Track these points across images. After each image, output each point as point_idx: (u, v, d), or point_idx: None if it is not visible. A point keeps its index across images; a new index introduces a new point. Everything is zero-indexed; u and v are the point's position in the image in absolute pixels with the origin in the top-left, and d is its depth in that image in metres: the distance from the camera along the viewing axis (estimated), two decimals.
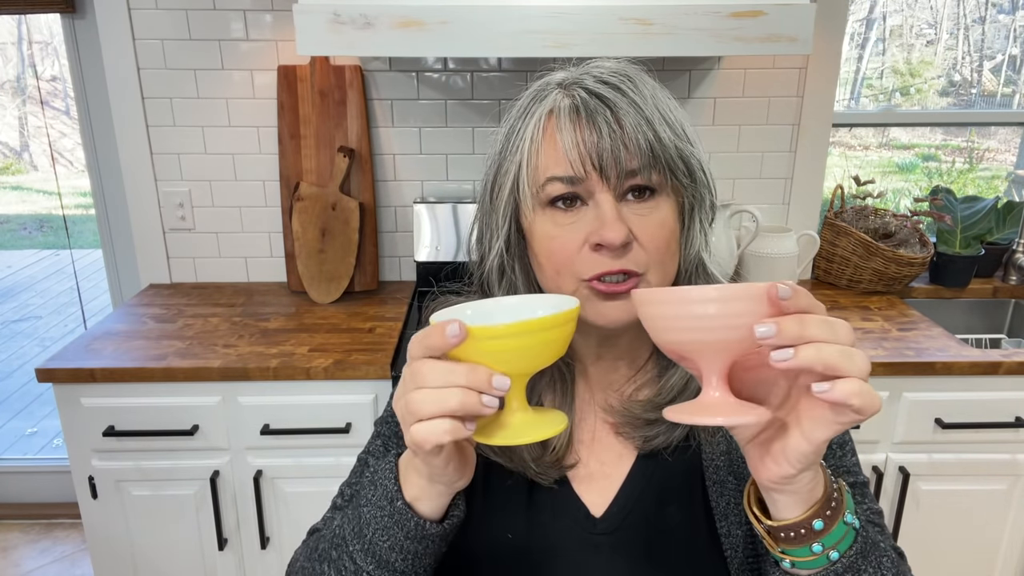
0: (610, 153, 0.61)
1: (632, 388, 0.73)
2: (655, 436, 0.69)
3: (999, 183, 4.12)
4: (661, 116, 0.64)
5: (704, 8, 1.45)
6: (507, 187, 0.67)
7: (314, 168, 1.93)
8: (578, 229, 0.63)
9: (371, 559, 0.59)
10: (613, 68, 0.66)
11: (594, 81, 0.65)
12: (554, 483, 0.70)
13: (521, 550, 0.70)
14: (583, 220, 0.64)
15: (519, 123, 0.67)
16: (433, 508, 0.58)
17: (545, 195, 0.64)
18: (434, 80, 1.94)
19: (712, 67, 1.94)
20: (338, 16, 1.45)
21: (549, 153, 0.64)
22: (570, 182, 0.63)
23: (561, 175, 0.63)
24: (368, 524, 0.59)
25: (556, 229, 0.64)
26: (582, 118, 0.62)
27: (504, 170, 0.67)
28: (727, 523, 0.67)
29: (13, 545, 2.39)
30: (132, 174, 1.96)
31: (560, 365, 0.72)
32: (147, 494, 1.60)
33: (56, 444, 3.19)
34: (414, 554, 0.59)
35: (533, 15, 1.45)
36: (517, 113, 0.68)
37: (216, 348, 1.60)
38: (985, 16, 4.36)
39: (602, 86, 0.64)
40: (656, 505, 0.69)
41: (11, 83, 5.97)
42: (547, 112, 0.65)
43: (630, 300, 0.63)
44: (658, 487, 0.70)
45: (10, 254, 6.26)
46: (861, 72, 4.42)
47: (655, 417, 0.69)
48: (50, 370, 1.50)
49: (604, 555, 0.68)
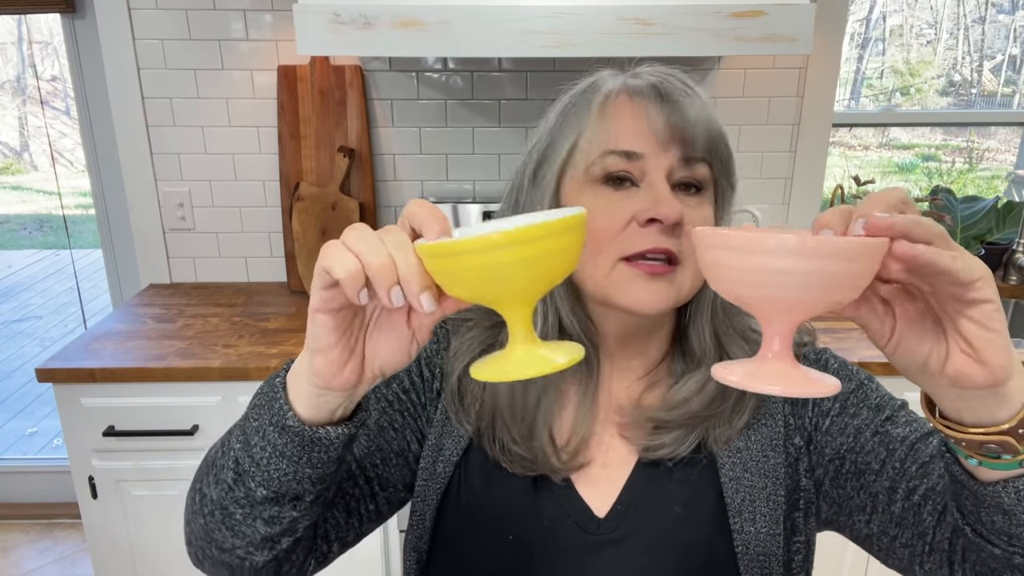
0: (687, 131, 0.63)
1: (642, 387, 0.72)
2: (659, 447, 0.68)
3: (999, 183, 4.12)
4: (715, 116, 0.66)
5: (704, 8, 1.45)
6: (557, 163, 0.67)
7: (314, 168, 1.93)
8: (627, 207, 0.63)
9: (241, 438, 0.56)
10: (671, 69, 0.68)
11: (661, 73, 0.67)
12: (561, 481, 0.70)
13: (522, 551, 0.69)
14: (633, 199, 0.64)
15: (577, 101, 0.68)
16: (308, 408, 0.53)
17: (600, 169, 0.65)
18: (434, 80, 1.94)
19: (712, 67, 1.94)
20: (338, 16, 1.45)
21: (611, 128, 0.65)
22: (627, 157, 0.64)
23: (622, 149, 0.64)
24: (248, 411, 0.57)
25: (604, 202, 0.64)
26: (661, 95, 0.64)
27: (554, 145, 0.68)
28: (741, 519, 0.67)
29: (13, 545, 2.39)
30: (132, 174, 1.96)
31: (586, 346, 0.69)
32: (147, 494, 1.60)
33: (56, 444, 3.19)
34: (274, 446, 0.53)
35: (533, 15, 1.45)
36: (573, 95, 0.69)
37: (216, 348, 1.60)
38: (985, 16, 4.36)
39: (670, 78, 0.66)
40: (661, 504, 0.69)
41: (11, 83, 5.97)
42: (614, 90, 0.66)
43: (669, 285, 0.64)
44: (664, 486, 0.69)
45: (10, 254, 6.26)
46: (861, 72, 4.42)
47: (663, 421, 0.69)
48: (50, 370, 1.50)
49: (607, 556, 0.68)
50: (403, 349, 0.51)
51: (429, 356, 0.76)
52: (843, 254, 0.41)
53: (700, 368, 0.70)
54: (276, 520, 0.57)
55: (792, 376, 0.45)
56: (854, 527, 0.67)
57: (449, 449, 0.72)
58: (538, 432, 0.69)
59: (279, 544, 0.59)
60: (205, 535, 0.60)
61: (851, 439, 0.67)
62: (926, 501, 0.61)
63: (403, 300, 0.45)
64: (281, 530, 0.58)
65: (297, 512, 0.57)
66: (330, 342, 0.49)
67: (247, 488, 0.55)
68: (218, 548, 0.59)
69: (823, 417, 0.70)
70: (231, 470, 0.56)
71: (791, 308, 0.44)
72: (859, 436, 0.67)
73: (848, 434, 0.68)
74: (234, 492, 0.56)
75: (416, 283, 0.45)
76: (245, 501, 0.56)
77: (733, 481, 0.68)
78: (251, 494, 0.55)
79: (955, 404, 0.48)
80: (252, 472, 0.55)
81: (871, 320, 0.48)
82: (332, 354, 0.50)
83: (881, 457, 0.65)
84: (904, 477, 0.63)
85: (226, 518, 0.57)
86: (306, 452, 0.54)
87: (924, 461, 0.63)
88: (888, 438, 0.66)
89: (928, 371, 0.46)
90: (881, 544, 0.65)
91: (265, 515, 0.56)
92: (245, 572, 0.61)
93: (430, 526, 0.73)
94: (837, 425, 0.69)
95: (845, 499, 0.67)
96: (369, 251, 0.45)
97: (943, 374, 0.45)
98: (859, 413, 0.68)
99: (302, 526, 0.59)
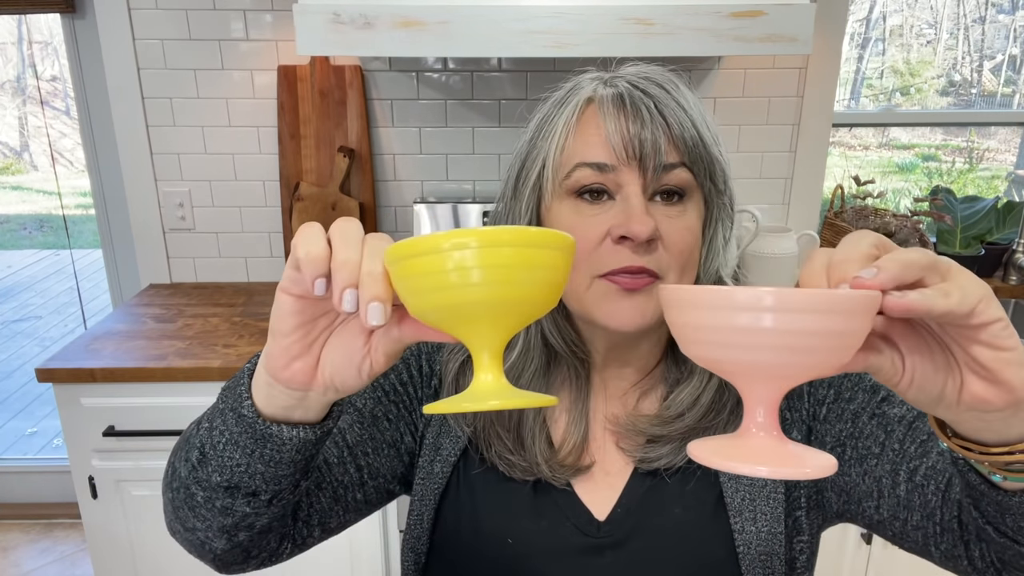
0: (651, 143, 0.60)
1: (637, 396, 0.72)
2: (656, 458, 0.68)
3: (999, 183, 4.12)
4: (702, 119, 0.64)
5: (704, 8, 1.45)
6: (533, 175, 0.65)
7: (314, 168, 1.93)
8: (601, 221, 0.62)
9: (208, 419, 0.55)
10: (656, 69, 0.66)
11: (637, 77, 0.64)
12: (563, 485, 0.69)
13: (522, 555, 0.69)
14: (608, 213, 0.62)
15: (553, 111, 0.66)
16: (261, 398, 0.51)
17: (572, 183, 0.63)
18: (434, 80, 1.94)
19: (712, 67, 1.94)
20: (338, 16, 1.45)
21: (582, 140, 0.63)
22: (599, 169, 0.62)
23: (591, 161, 0.62)
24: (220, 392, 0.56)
25: (578, 218, 0.63)
26: (625, 106, 0.62)
27: (532, 158, 0.66)
28: (741, 519, 0.66)
29: (13, 545, 2.39)
30: (132, 174, 1.96)
31: (576, 364, 0.71)
32: (147, 494, 1.60)
33: (56, 444, 3.19)
34: (231, 433, 0.52)
35: (533, 15, 1.45)
36: (551, 104, 0.67)
37: (216, 348, 1.60)
38: (985, 16, 4.36)
39: (646, 82, 0.64)
40: (661, 507, 0.68)
41: (11, 83, 5.97)
42: (585, 100, 0.64)
43: (648, 299, 0.62)
44: (663, 489, 0.69)
45: (10, 254, 6.26)
46: (861, 72, 4.42)
47: (657, 436, 0.68)
48: (50, 370, 1.50)
49: (607, 559, 0.68)
50: (353, 364, 0.48)
51: (431, 351, 0.76)
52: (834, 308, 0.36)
53: (693, 376, 0.69)
54: (229, 511, 0.55)
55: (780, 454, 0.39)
56: (865, 514, 0.66)
57: (447, 449, 0.72)
58: (530, 441, 0.69)
59: (236, 536, 0.58)
60: (173, 510, 0.59)
61: (849, 424, 0.67)
62: (928, 481, 0.60)
63: (354, 306, 0.42)
64: (234, 523, 0.56)
65: (250, 508, 0.55)
66: (287, 326, 0.47)
67: (207, 471, 0.54)
68: (182, 525, 0.59)
69: (819, 406, 0.69)
70: (197, 449, 0.55)
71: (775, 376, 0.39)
72: (857, 420, 0.66)
73: (846, 420, 0.67)
74: (196, 473, 0.55)
75: (369, 289, 0.41)
76: (207, 484, 0.55)
77: (732, 481, 0.68)
78: (209, 477, 0.54)
79: (974, 426, 0.45)
80: (210, 456, 0.54)
81: (880, 363, 0.43)
82: (286, 341, 0.47)
83: (880, 440, 0.64)
84: (904, 458, 0.62)
85: (188, 498, 0.57)
86: (259, 446, 0.51)
87: (922, 439, 0.62)
88: (886, 419, 0.65)
89: (945, 402, 0.43)
90: (894, 529, 0.64)
91: (219, 504, 0.55)
92: (207, 554, 0.60)
93: (428, 527, 0.72)
94: (834, 412, 0.68)
95: (852, 487, 0.66)
96: (341, 244, 0.43)
97: (960, 403, 0.42)
98: (855, 397, 0.67)
99: (259, 524, 0.57)
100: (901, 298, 0.38)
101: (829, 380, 0.70)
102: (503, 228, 0.38)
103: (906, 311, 0.38)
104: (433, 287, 0.39)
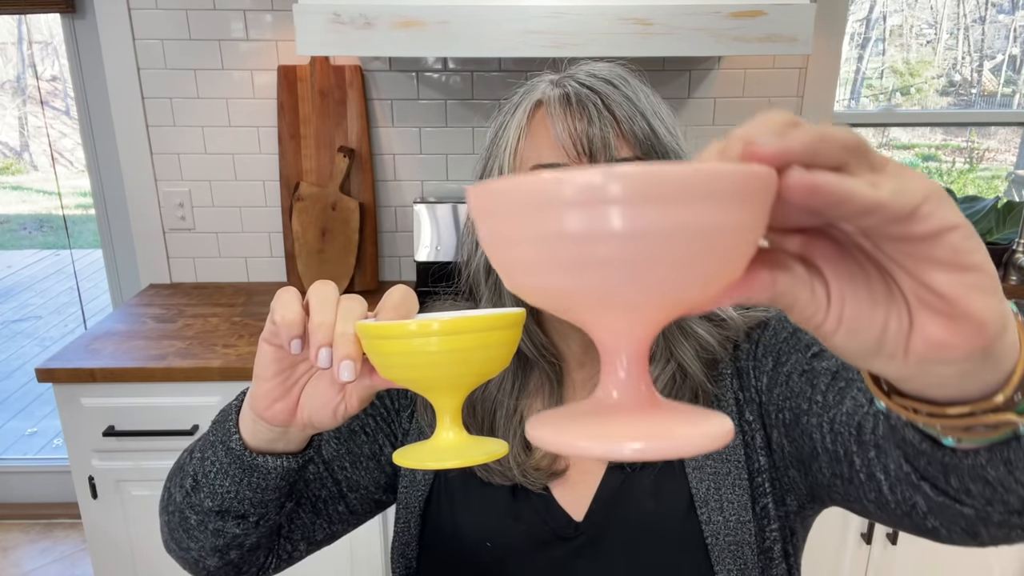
0: (600, 138, 0.61)
1: None
2: None
3: (999, 183, 4.12)
4: (655, 112, 0.64)
5: (704, 8, 1.45)
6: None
7: (314, 168, 1.93)
8: None
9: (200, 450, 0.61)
10: (605, 66, 0.67)
11: (585, 75, 0.65)
12: (540, 489, 0.70)
13: (500, 558, 0.70)
14: None
15: (507, 117, 0.67)
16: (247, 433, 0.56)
17: None
18: (434, 80, 1.94)
19: (712, 67, 1.94)
20: (338, 16, 1.45)
21: (533, 143, 0.64)
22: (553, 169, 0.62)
23: (544, 163, 0.63)
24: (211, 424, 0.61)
25: None
26: (572, 106, 0.62)
27: (490, 165, 0.67)
28: (707, 509, 0.66)
29: (13, 545, 2.39)
30: (132, 174, 1.96)
31: (547, 368, 0.72)
32: (147, 494, 1.60)
33: (56, 444, 3.19)
34: (220, 463, 0.57)
35: (533, 15, 1.45)
36: (506, 110, 0.68)
37: (216, 348, 1.60)
38: (985, 16, 4.36)
39: (593, 79, 0.64)
40: (634, 502, 0.69)
41: (11, 83, 5.97)
42: (535, 103, 0.65)
43: None
44: (635, 484, 0.69)
45: (10, 254, 6.26)
46: (861, 72, 4.42)
47: None
48: (50, 370, 1.50)
49: (585, 557, 0.68)
50: (329, 408, 0.52)
51: None
52: (697, 190, 0.25)
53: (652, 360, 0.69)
54: (220, 533, 0.60)
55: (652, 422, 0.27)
56: (821, 485, 0.61)
57: None
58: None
59: (227, 555, 0.62)
60: (169, 532, 0.64)
61: (784, 387, 0.65)
62: (844, 428, 0.55)
63: (328, 362, 0.46)
64: (225, 543, 0.61)
65: (240, 530, 0.60)
66: (268, 372, 0.51)
67: (200, 497, 0.59)
68: (178, 545, 0.64)
69: (762, 376, 0.68)
70: (190, 477, 0.60)
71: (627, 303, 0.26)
72: (789, 381, 0.65)
73: (781, 383, 0.66)
74: (190, 499, 0.60)
75: (341, 349, 0.45)
76: (200, 508, 0.60)
77: (697, 471, 0.68)
78: (202, 503, 0.59)
79: (924, 381, 0.32)
80: (203, 483, 0.59)
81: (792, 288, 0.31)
82: (267, 385, 0.52)
83: (807, 395, 0.61)
84: (826, 408, 0.59)
85: (183, 521, 0.61)
86: (246, 475, 0.57)
87: (841, 387, 0.58)
88: (813, 374, 0.62)
89: (887, 350, 0.30)
90: (843, 492, 0.58)
91: (211, 526, 0.60)
92: (201, 571, 0.65)
93: (415, 533, 0.73)
94: (773, 379, 0.67)
95: (801, 455, 0.63)
96: (318, 307, 0.48)
97: (910, 352, 0.30)
98: (789, 359, 0.66)
99: (248, 543, 0.62)
100: (805, 175, 0.26)
101: (767, 348, 0.68)
102: (462, 318, 0.43)
103: (810, 192, 0.26)
104: (399, 364, 0.44)
